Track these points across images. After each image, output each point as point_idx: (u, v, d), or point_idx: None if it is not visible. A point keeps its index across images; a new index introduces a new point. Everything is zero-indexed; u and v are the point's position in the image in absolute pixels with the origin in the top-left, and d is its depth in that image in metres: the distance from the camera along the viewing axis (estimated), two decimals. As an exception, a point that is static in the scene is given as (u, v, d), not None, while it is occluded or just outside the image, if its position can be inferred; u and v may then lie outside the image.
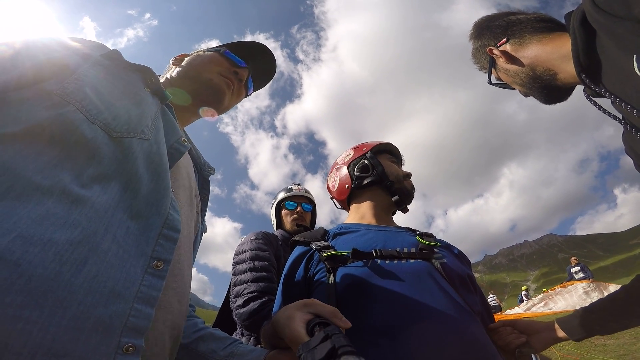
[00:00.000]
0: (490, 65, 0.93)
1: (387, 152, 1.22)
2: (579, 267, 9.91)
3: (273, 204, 2.06)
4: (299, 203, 1.96)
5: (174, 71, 0.87)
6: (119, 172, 0.53)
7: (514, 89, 0.95)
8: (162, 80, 0.88)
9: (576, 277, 9.54)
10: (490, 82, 0.97)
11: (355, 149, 1.22)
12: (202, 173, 0.83)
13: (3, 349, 0.35)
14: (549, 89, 0.84)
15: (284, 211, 1.96)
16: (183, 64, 0.87)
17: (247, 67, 0.93)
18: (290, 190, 2.03)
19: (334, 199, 1.27)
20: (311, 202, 2.04)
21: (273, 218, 2.03)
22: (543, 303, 6.48)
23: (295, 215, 1.91)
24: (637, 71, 0.58)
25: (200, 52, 0.90)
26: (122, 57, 0.67)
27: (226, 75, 0.86)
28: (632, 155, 0.77)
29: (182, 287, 0.64)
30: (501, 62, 0.89)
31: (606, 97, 0.70)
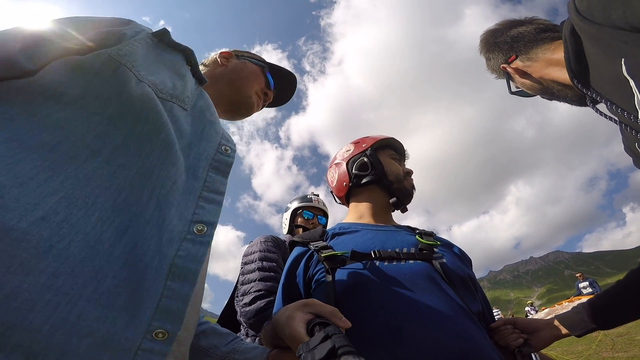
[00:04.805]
0: (507, 79, 0.97)
1: (389, 147, 1.17)
2: (587, 283, 9.75)
3: (289, 208, 2.05)
4: (315, 215, 2.00)
5: (217, 69, 0.89)
6: (164, 133, 0.51)
7: (534, 95, 0.97)
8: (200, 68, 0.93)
9: (584, 292, 9.37)
10: (511, 92, 1.00)
11: (356, 144, 1.18)
12: None
13: (19, 323, 0.30)
14: (567, 97, 0.86)
15: (299, 219, 1.99)
16: (229, 66, 0.90)
17: (274, 90, 0.99)
18: (310, 200, 2.06)
19: (333, 193, 1.25)
20: (326, 215, 2.09)
21: (286, 222, 2.02)
22: (548, 318, 6.34)
23: (310, 226, 1.96)
24: (626, 74, 0.60)
25: (247, 61, 0.94)
26: (170, 37, 0.68)
27: (259, 95, 0.92)
28: (631, 153, 0.79)
29: (206, 262, 0.60)
30: (516, 77, 0.92)
31: (598, 100, 0.73)
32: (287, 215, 2.03)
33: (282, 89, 1.05)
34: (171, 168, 0.50)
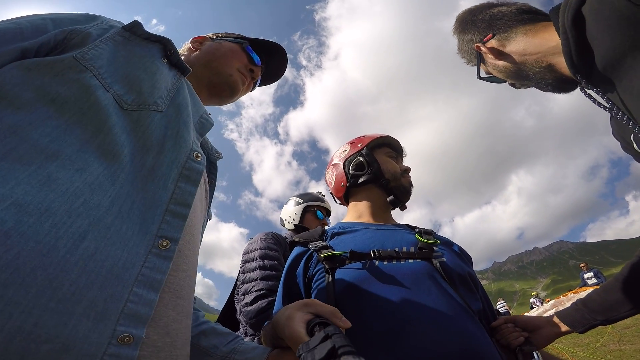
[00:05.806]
0: (478, 60, 0.92)
1: (386, 145, 1.17)
2: (592, 273, 9.69)
3: (300, 202, 2.01)
4: (326, 216, 2.03)
5: (191, 55, 0.85)
6: (127, 144, 0.50)
7: (504, 82, 0.93)
8: None
9: (589, 283, 9.33)
10: (479, 77, 0.96)
11: (352, 144, 1.18)
12: (210, 157, 0.80)
13: None
14: (544, 80, 0.81)
15: (310, 216, 1.97)
16: (203, 49, 0.86)
17: (262, 66, 0.94)
18: (323, 200, 2.06)
19: (332, 193, 1.25)
20: (329, 215, 2.12)
21: (296, 216, 1.97)
22: (554, 309, 6.32)
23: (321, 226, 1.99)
24: None
25: (222, 41, 0.89)
26: (143, 29, 0.66)
27: (243, 72, 0.87)
28: (620, 139, 0.77)
29: (192, 269, 0.60)
30: (489, 58, 0.87)
31: (593, 94, 0.69)
32: (297, 210, 1.98)
33: (271, 63, 1.00)
34: (134, 179, 0.49)
